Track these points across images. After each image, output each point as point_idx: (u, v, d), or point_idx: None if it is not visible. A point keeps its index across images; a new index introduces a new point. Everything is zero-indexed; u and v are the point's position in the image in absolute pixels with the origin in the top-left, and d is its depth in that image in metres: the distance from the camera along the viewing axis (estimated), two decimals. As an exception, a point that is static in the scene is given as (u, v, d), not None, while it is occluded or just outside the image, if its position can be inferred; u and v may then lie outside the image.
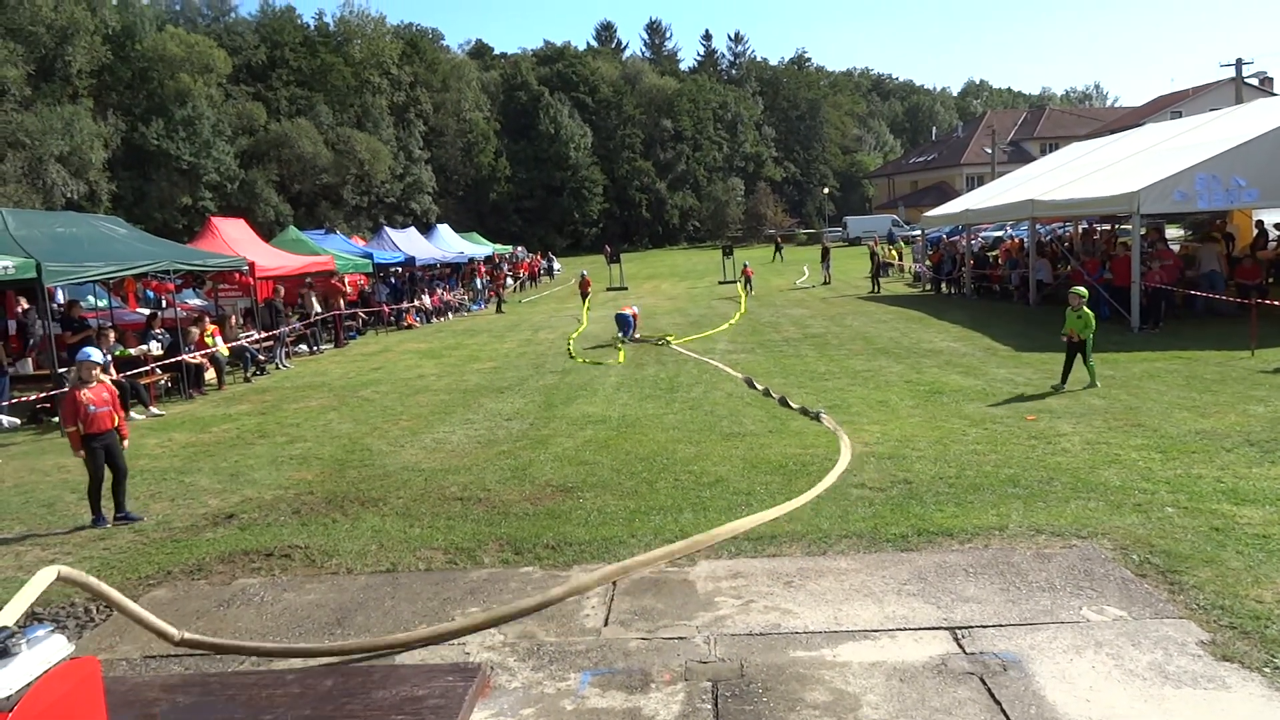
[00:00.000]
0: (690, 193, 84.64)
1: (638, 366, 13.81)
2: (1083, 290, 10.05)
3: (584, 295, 28.19)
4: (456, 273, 33.95)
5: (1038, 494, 6.41)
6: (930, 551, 5.53)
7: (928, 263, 26.82)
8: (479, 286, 31.69)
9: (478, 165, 72.70)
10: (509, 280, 36.49)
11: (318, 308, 19.95)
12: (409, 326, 23.64)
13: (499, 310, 27.57)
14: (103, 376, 7.65)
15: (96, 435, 7.05)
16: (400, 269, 28.33)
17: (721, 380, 12.11)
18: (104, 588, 4.10)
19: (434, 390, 12.86)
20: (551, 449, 8.57)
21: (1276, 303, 12.86)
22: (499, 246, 43.28)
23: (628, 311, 17.18)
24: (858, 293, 26.39)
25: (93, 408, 7.03)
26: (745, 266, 30.06)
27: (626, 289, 34.28)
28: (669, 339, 16.99)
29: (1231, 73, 34.53)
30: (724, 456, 7.90)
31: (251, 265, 16.80)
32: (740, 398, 10.68)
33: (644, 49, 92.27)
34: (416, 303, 25.38)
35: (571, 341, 19.95)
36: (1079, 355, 9.97)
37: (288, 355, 17.73)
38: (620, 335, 16.70)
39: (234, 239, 18.21)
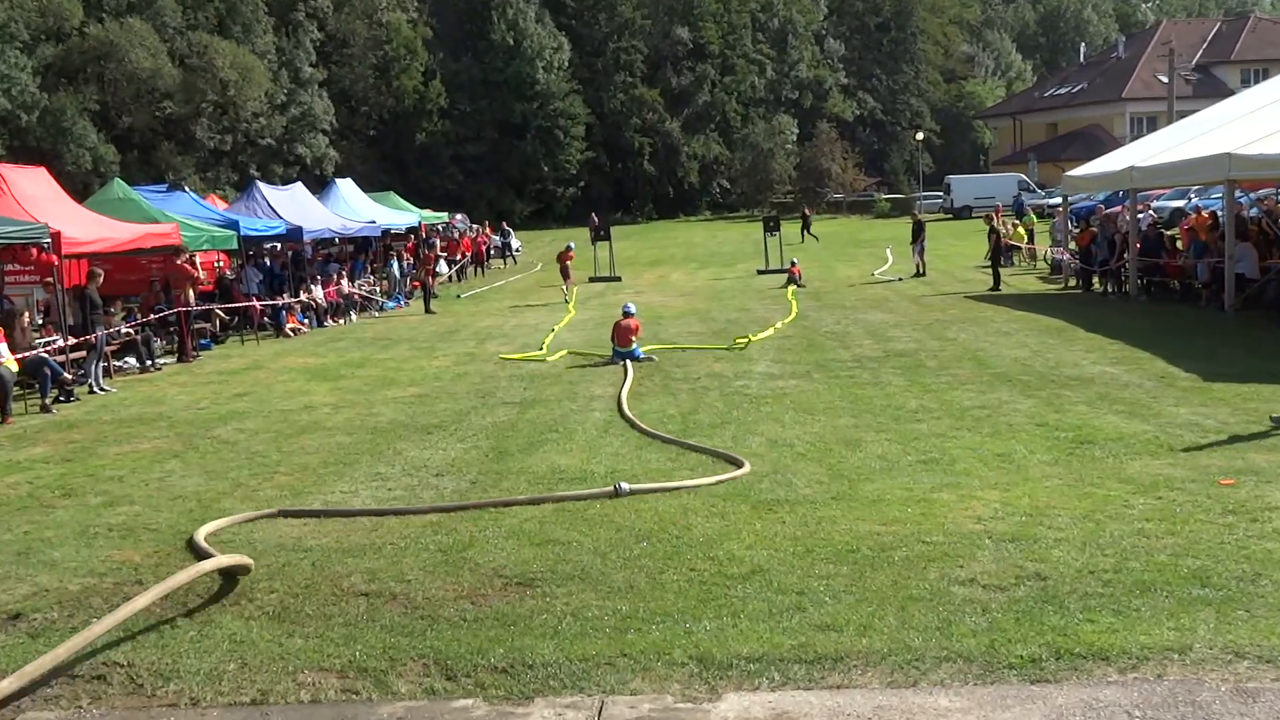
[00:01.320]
0: (717, 137, 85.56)
1: (636, 398, 13.85)
2: None
3: (565, 275, 28.40)
4: (365, 252, 34.14)
5: (1237, 598, 6.39)
6: (1075, 684, 5.50)
7: (1072, 246, 26.97)
8: (397, 274, 31.84)
9: (398, 92, 73.36)
10: (442, 265, 36.67)
11: (192, 300, 20.06)
12: (292, 332, 23.73)
13: (428, 309, 27.69)
14: None
15: None
16: (279, 246, 28.47)
17: (762, 419, 12.14)
18: None
19: (327, 429, 12.87)
20: (505, 521, 8.57)
21: None
22: (429, 214, 43.50)
23: (630, 321, 17.21)
24: (966, 289, 26.53)
25: None
26: (793, 264, 30.24)
27: (619, 279, 34.45)
28: (746, 340, 17.56)
29: None
30: (763, 535, 7.91)
31: (55, 236, 16.86)
32: (789, 446, 10.71)
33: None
34: (304, 296, 25.49)
35: (548, 341, 20.07)
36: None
37: (108, 373, 17.74)
38: (619, 358, 16.74)
39: (29, 197, 18.30)
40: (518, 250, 48.69)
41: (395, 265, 31.91)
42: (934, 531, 7.80)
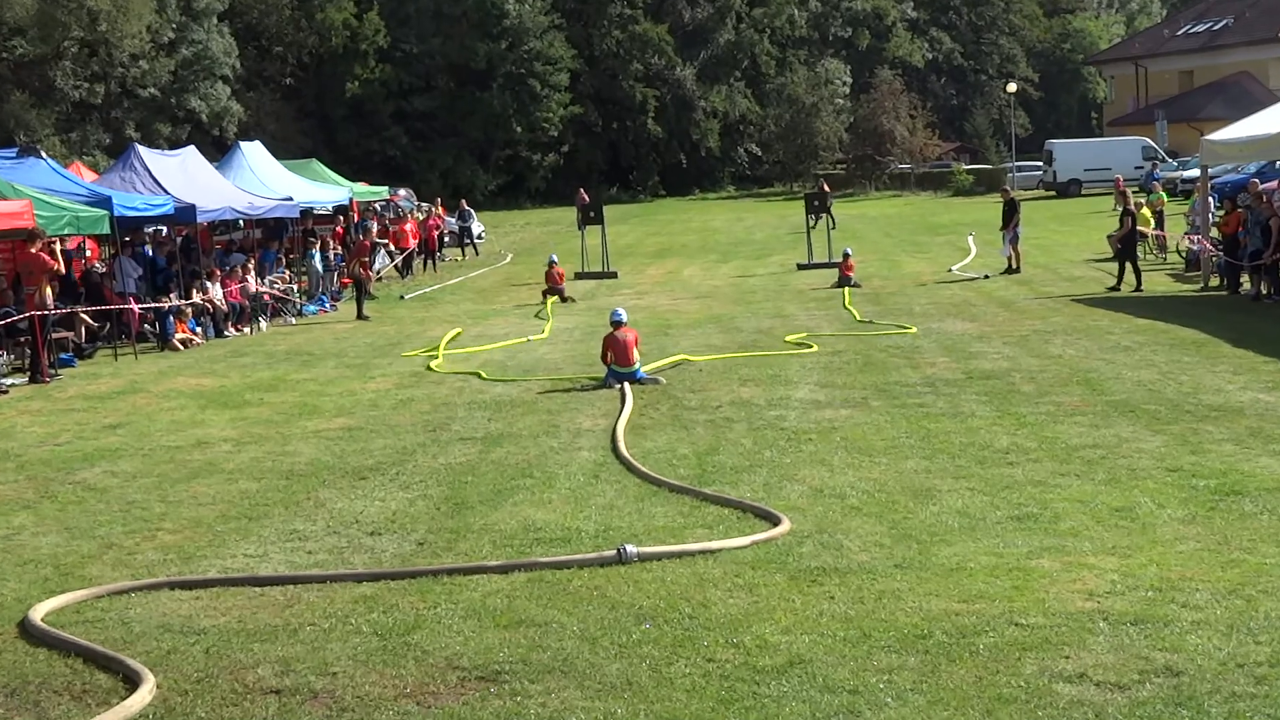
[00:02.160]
0: (743, 88, 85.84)
1: (637, 433, 13.84)
2: None
3: (554, 294, 28.60)
4: (278, 239, 34.18)
5: None
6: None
7: (1214, 233, 26.98)
8: (320, 268, 31.90)
9: (323, 27, 73.62)
10: (381, 256, 36.71)
11: (49, 301, 20.10)
12: (182, 345, 23.73)
13: (361, 314, 27.73)
14: None
15: None
16: (165, 230, 28.46)
17: (803, 461, 12.13)
18: None
19: (227, 472, 12.86)
20: (462, 594, 8.56)
21: None
22: (363, 189, 43.61)
23: (626, 332, 17.22)
24: (1073, 290, 26.56)
25: None
26: (846, 257, 30.29)
27: (615, 276, 34.52)
28: (801, 340, 17.36)
29: None
30: (804, 615, 7.90)
31: None
32: (839, 497, 10.70)
33: None
34: (197, 297, 25.51)
35: (446, 341, 20.02)
36: None
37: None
38: (616, 380, 16.73)
39: None
40: (481, 236, 48.78)
41: (317, 256, 31.95)
42: (1031, 611, 7.77)
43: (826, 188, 51.46)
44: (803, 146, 78.95)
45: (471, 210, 48.05)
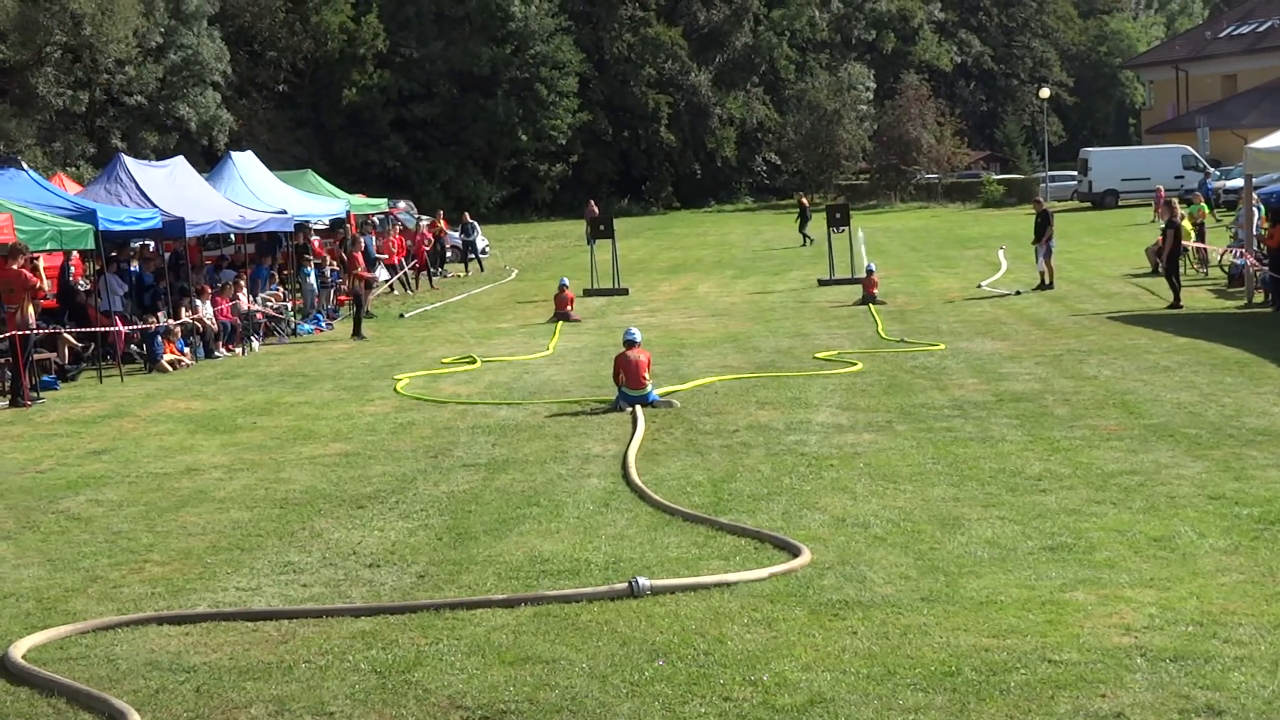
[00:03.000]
0: (761, 94, 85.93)
1: (649, 460, 13.87)
2: None
3: (562, 317, 28.54)
4: (271, 255, 34.25)
5: None
6: None
7: (1259, 246, 26.93)
8: (315, 284, 31.99)
9: (319, 31, 73.87)
10: (381, 271, 36.80)
11: (32, 320, 20.14)
12: (170, 366, 23.79)
13: (358, 333, 27.80)
14: None
15: None
16: (153, 245, 28.53)
17: (824, 489, 12.14)
18: None
19: (218, 500, 12.89)
20: (466, 630, 8.58)
21: None
22: (360, 201, 43.71)
23: (639, 353, 17.27)
24: (1109, 307, 26.51)
25: None
26: (870, 271, 30.31)
27: (626, 293, 34.56)
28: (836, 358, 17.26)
29: None
30: (825, 651, 7.91)
31: None
32: (862, 526, 10.71)
33: None
34: (187, 316, 25.57)
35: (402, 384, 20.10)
36: None
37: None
38: (627, 403, 16.80)
39: None
40: (484, 249, 48.90)
41: (311, 273, 32.03)
42: (1065, 646, 7.78)
43: (806, 201, 51.52)
44: (824, 155, 79.07)
45: (475, 223, 48.15)
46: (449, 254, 45.65)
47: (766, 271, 40.15)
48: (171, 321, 25.01)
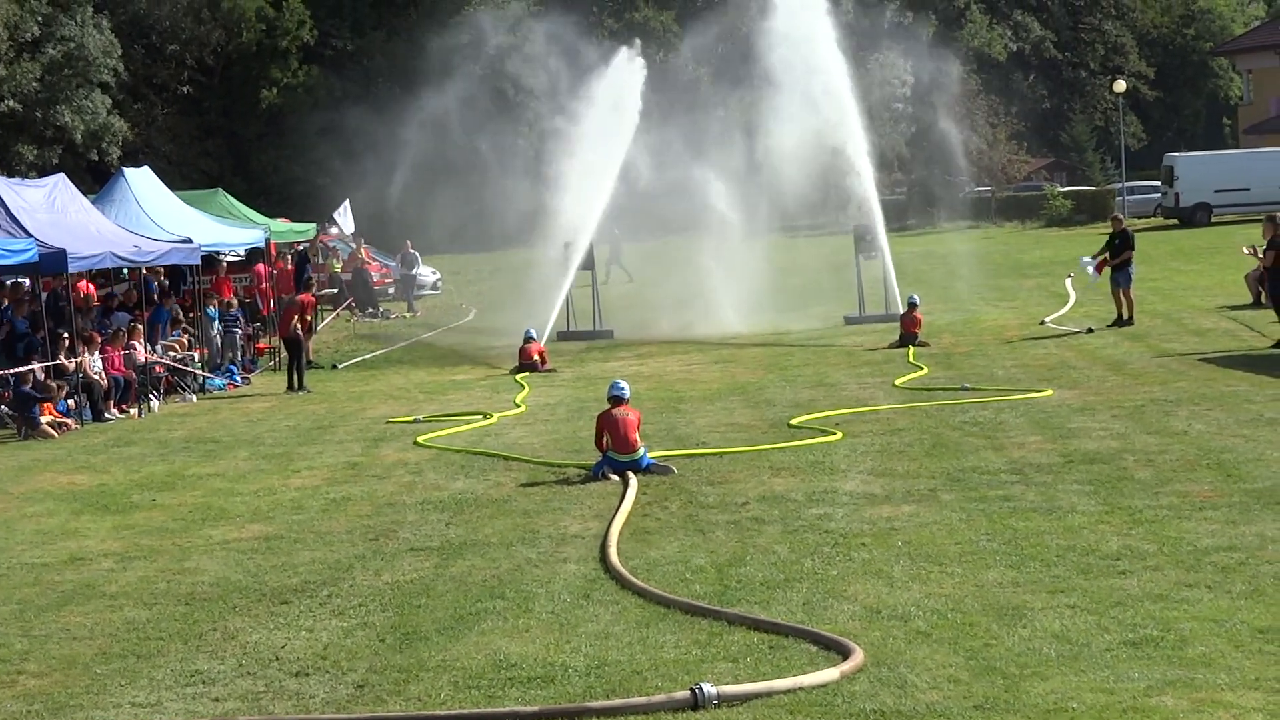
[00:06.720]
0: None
1: (640, 539, 13.86)
2: None
3: (528, 369, 28.50)
4: (174, 294, 34.23)
5: None
6: None
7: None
8: (236, 330, 31.99)
9: (229, 20, 73.94)
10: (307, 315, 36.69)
11: None
12: (52, 429, 23.75)
13: (298, 385, 27.81)
14: None
15: None
16: (28, 283, 28.52)
17: (854, 573, 12.15)
18: None
19: (109, 596, 12.84)
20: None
21: None
22: (283, 226, 43.80)
23: (627, 411, 17.35)
24: (1201, 346, 26.53)
25: None
26: (912, 307, 30.29)
27: (611, 335, 34.68)
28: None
29: None
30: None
31: None
32: (901, 618, 10.69)
33: None
34: (70, 368, 25.54)
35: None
36: None
37: None
38: (613, 469, 16.86)
39: None
40: (435, 287, 49.06)
41: (216, 314, 31.97)
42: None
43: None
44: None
45: (417, 254, 48.28)
46: (391, 291, 45.76)
47: (781, 307, 40.09)
48: (51, 379, 24.97)
